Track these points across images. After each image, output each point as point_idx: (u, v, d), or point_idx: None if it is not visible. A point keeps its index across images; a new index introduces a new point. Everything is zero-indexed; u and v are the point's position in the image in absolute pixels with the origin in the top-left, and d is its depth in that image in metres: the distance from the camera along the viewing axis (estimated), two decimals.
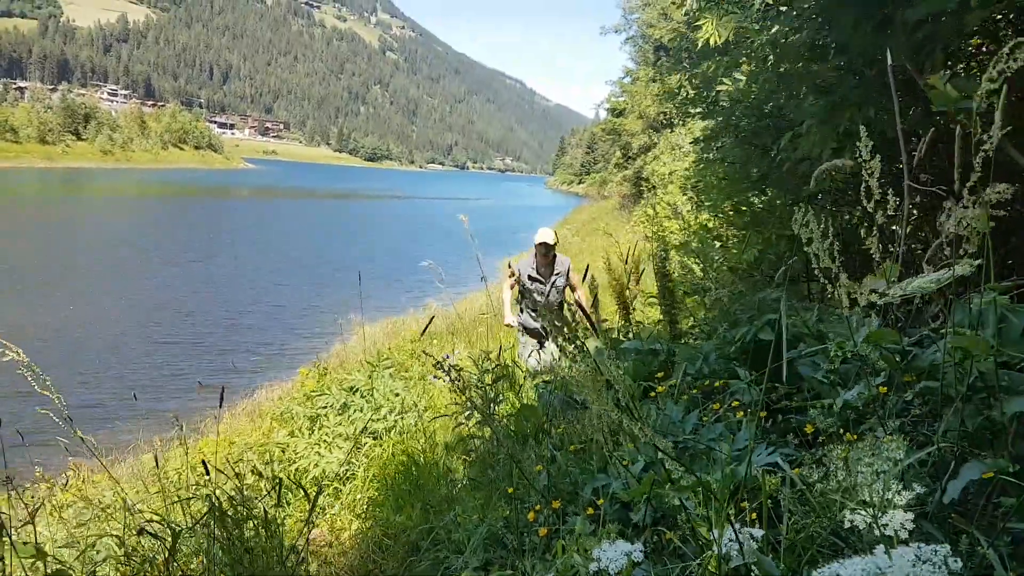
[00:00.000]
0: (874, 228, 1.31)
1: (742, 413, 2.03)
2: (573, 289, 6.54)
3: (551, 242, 6.44)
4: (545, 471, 2.34)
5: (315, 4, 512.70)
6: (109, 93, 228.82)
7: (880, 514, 0.89)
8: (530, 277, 6.50)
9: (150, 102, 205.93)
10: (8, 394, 6.92)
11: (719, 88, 4.44)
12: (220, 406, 2.82)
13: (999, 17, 3.02)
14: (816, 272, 1.37)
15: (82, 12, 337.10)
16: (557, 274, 6.50)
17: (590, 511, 1.87)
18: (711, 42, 4.28)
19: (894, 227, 1.31)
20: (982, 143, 1.15)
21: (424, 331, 5.09)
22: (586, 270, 5.69)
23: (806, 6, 3.31)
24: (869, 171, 1.26)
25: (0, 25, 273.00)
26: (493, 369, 3.34)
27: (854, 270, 1.40)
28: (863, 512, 0.91)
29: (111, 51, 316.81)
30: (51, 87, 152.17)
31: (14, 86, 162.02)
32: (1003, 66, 1.11)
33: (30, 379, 2.84)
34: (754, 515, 1.49)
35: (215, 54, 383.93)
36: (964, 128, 1.21)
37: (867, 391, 1.53)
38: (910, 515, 0.88)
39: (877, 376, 1.58)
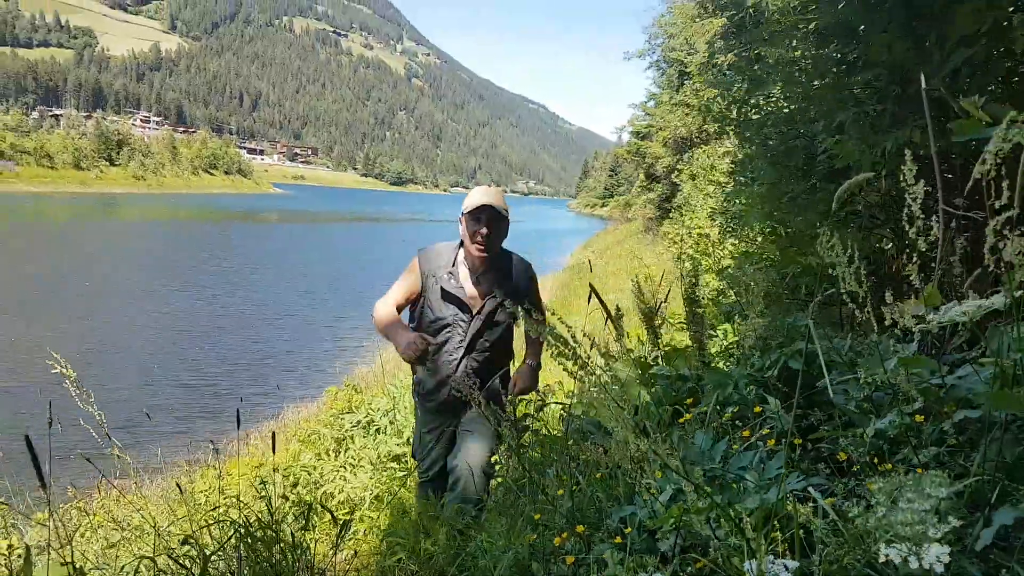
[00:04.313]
0: (915, 255, 1.29)
1: (772, 441, 2.00)
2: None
3: (499, 208, 3.25)
4: (568, 496, 2.32)
5: (342, 33, 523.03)
6: (142, 120, 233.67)
7: (917, 548, 0.87)
8: (444, 293, 3.24)
9: (181, 128, 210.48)
10: (25, 414, 6.96)
11: (751, 103, 4.42)
12: (238, 427, 2.83)
13: None
14: (844, 297, 1.35)
15: (116, 42, 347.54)
16: (509, 295, 3.20)
17: (618, 540, 1.85)
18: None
19: (924, 249, 1.28)
20: None
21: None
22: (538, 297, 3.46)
23: (833, 20, 3.27)
24: (912, 196, 1.23)
25: (37, 55, 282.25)
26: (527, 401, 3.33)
27: (882, 294, 1.37)
28: (899, 546, 0.89)
29: (144, 79, 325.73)
30: (86, 114, 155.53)
31: (50, 114, 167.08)
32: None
33: (74, 394, 2.89)
34: (784, 546, 1.47)
35: (245, 82, 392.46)
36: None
37: (900, 420, 1.50)
38: (947, 548, 0.86)
39: (911, 404, 1.55)
